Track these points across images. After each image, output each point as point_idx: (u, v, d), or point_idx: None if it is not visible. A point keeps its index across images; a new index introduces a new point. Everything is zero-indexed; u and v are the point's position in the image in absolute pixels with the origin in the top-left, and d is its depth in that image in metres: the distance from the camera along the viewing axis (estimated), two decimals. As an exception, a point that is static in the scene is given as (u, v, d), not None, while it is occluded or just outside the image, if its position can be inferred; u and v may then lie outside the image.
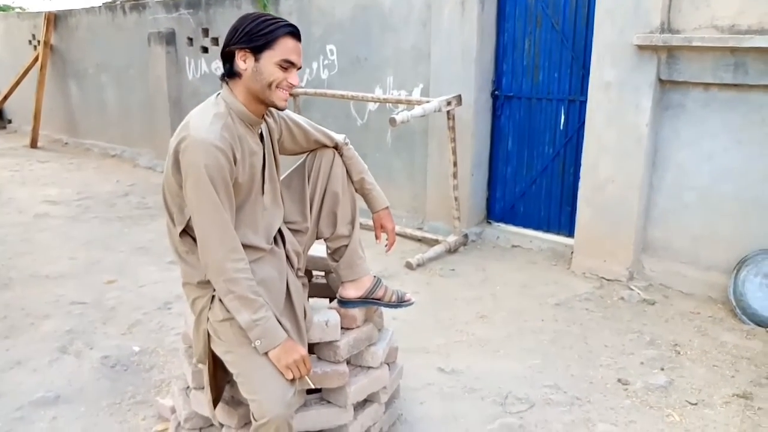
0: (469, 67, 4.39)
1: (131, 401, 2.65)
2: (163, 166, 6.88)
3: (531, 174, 4.55)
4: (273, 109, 1.89)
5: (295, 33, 1.74)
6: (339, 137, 2.09)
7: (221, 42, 6.47)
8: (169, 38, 6.93)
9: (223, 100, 1.76)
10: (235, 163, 1.69)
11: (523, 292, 3.83)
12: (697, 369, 2.94)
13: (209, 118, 1.69)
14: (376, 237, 2.18)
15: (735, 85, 3.37)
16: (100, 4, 7.97)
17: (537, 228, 4.60)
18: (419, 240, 4.68)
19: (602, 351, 3.11)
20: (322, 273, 2.48)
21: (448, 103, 4.17)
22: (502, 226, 4.78)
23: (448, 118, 4.23)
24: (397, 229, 2.07)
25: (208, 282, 1.77)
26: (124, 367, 2.92)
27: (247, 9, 6.07)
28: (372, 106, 5.18)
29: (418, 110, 3.95)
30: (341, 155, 2.08)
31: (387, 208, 2.16)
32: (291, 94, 1.81)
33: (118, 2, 7.71)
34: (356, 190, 2.12)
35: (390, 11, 4.86)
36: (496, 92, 4.58)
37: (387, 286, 2.15)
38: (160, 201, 6.15)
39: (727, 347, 3.14)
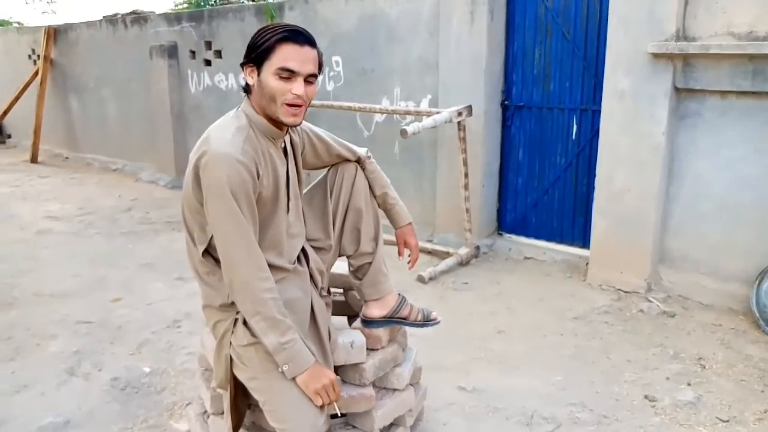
0: (478, 77, 4.34)
1: (143, 425, 2.56)
2: (165, 180, 6.81)
3: (543, 185, 4.48)
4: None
5: (293, 37, 1.60)
6: (361, 151, 2.02)
7: (224, 55, 6.48)
8: (171, 51, 6.88)
9: (243, 113, 1.69)
10: (258, 178, 1.62)
11: (539, 305, 3.75)
12: (724, 384, 2.85)
13: (231, 131, 1.62)
14: (399, 253, 2.10)
15: (753, 93, 3.32)
16: (101, 18, 7.93)
17: (550, 239, 4.53)
18: (429, 252, 4.60)
19: (626, 366, 3.03)
20: (341, 290, 2.40)
21: (459, 114, 4.11)
22: (514, 237, 4.71)
23: (459, 129, 4.17)
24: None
25: (230, 305, 1.69)
26: (135, 389, 2.83)
27: (251, 21, 6.03)
28: (379, 118, 5.12)
29: (429, 121, 3.89)
30: (363, 169, 2.01)
31: (410, 223, 2.09)
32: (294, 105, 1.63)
33: (119, 16, 7.67)
34: (378, 205, 2.05)
35: (396, 21, 4.82)
36: (506, 102, 4.53)
37: (412, 304, 2.07)
38: (163, 216, 6.09)
39: (753, 360, 3.06)
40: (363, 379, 1.93)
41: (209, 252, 1.71)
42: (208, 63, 6.65)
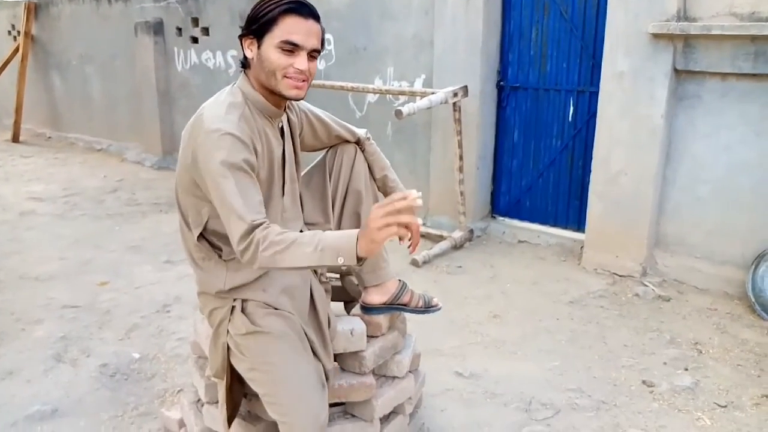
0: (474, 57, 4.25)
1: (134, 413, 2.50)
2: (151, 160, 6.65)
3: (538, 167, 4.43)
4: (293, 102, 1.73)
5: (298, 9, 1.51)
6: (361, 132, 1.94)
7: (212, 32, 6.31)
8: (157, 28, 6.70)
9: (240, 90, 1.60)
10: (256, 156, 1.53)
11: (534, 289, 3.72)
12: (721, 369, 2.84)
13: (224, 107, 1.53)
14: (400, 238, 2.03)
15: (754, 75, 3.27)
16: (84, -7, 7.69)
17: (544, 222, 4.49)
18: (422, 236, 4.54)
19: (622, 351, 3.01)
20: (336, 275, 2.33)
21: (455, 95, 4.03)
22: (508, 220, 4.66)
23: (454, 110, 4.09)
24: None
25: (228, 291, 1.62)
26: (124, 375, 2.76)
27: (239, -3, 5.87)
28: (371, 98, 5.02)
29: (424, 102, 3.81)
30: (363, 151, 1.94)
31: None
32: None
33: (103, -9, 7.44)
34: (378, 188, 1.98)
35: (390, -1, 4.70)
36: (502, 83, 4.45)
37: (413, 290, 2.01)
38: (150, 197, 5.96)
39: (748, 345, 3.05)
40: (363, 368, 1.88)
41: (204, 236, 1.63)
42: (195, 40, 6.48)
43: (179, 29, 6.59)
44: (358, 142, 1.93)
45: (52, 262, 4.11)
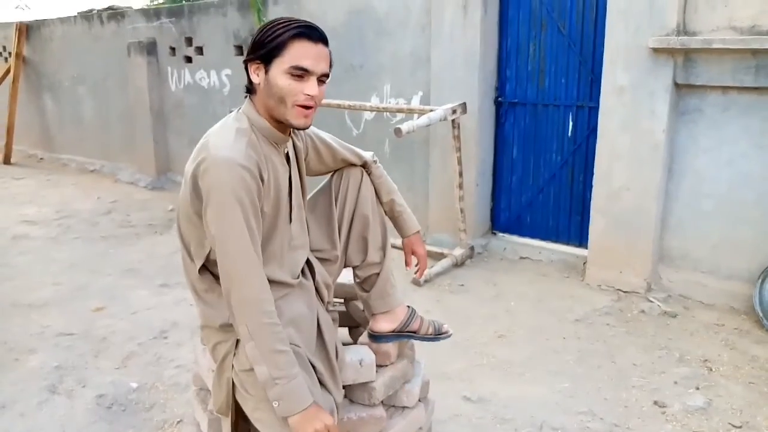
0: (472, 73, 4.22)
1: (133, 447, 2.41)
2: (145, 181, 6.56)
3: (538, 183, 4.39)
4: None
5: (308, 34, 1.47)
6: (367, 155, 1.89)
7: (206, 51, 6.28)
8: (150, 48, 6.66)
9: (245, 116, 1.54)
10: (263, 185, 1.48)
11: (538, 307, 3.66)
12: (733, 387, 2.79)
13: (232, 135, 1.47)
14: (407, 263, 1.98)
15: (756, 89, 3.25)
16: (76, 14, 7.66)
17: (545, 238, 4.44)
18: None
19: (632, 370, 2.95)
20: (341, 300, 2.27)
21: (453, 112, 4.00)
22: (508, 237, 4.62)
23: (453, 127, 4.05)
24: (400, 242, 1.88)
25: (231, 324, 1.55)
26: (122, 406, 2.68)
27: (233, 17, 5.85)
28: (368, 116, 4.98)
29: (423, 119, 3.77)
30: (369, 174, 1.88)
31: (419, 231, 1.97)
32: (306, 107, 1.50)
33: (95, 12, 7.41)
34: (385, 212, 1.92)
35: (386, 16, 4.68)
36: (500, 99, 4.42)
37: (422, 316, 1.95)
38: (144, 218, 5.89)
39: (759, 362, 3.00)
40: (373, 399, 1.81)
41: (207, 268, 1.57)
42: (188, 60, 6.44)
43: (173, 49, 6.56)
44: (365, 165, 1.88)
45: (45, 288, 4.02)
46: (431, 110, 3.99)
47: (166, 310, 3.67)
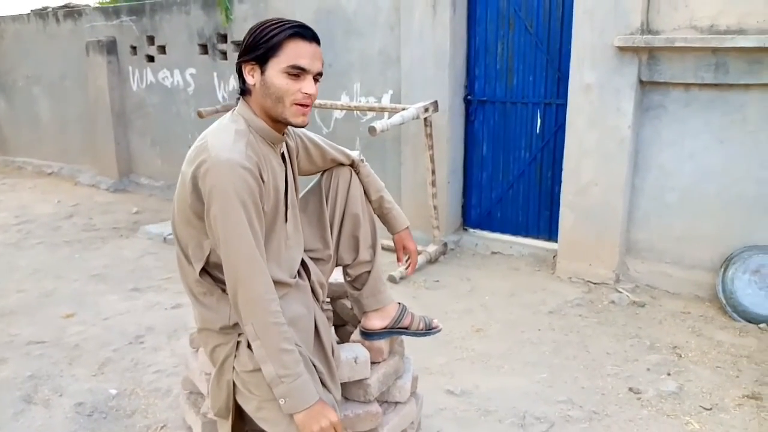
0: (442, 72, 4.27)
1: (117, 454, 2.37)
2: (107, 183, 6.42)
3: (507, 179, 4.48)
4: (290, 127, 1.68)
5: (303, 33, 1.49)
6: (354, 154, 1.91)
7: (169, 50, 6.17)
8: (110, 47, 6.49)
9: (241, 117, 1.54)
10: (263, 185, 1.48)
11: (512, 301, 3.74)
12: (701, 372, 2.91)
13: (230, 136, 1.47)
14: (398, 259, 2.01)
15: (716, 85, 3.39)
16: (29, 12, 7.40)
17: (515, 233, 4.54)
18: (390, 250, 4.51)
19: (606, 359, 3.04)
20: (328, 299, 2.28)
21: (426, 110, 4.04)
22: (480, 232, 4.69)
23: (426, 125, 4.10)
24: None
25: (233, 326, 1.55)
26: (103, 414, 2.62)
27: (197, 15, 5.76)
28: (338, 114, 4.99)
29: (397, 118, 3.80)
30: (357, 173, 1.90)
31: (408, 227, 2.00)
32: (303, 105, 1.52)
33: (50, 9, 7.18)
34: (374, 210, 1.95)
35: (354, 15, 4.69)
36: (469, 97, 4.49)
37: (413, 312, 1.98)
38: (108, 221, 5.76)
39: (724, 347, 3.14)
40: (368, 396, 1.83)
41: (206, 270, 1.56)
42: (151, 59, 6.32)
43: (134, 48, 6.42)
44: (353, 165, 1.90)
45: (10, 295, 3.90)
46: (403, 108, 4.02)
47: (140, 315, 3.60)
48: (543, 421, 2.53)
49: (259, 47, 1.46)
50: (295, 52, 1.47)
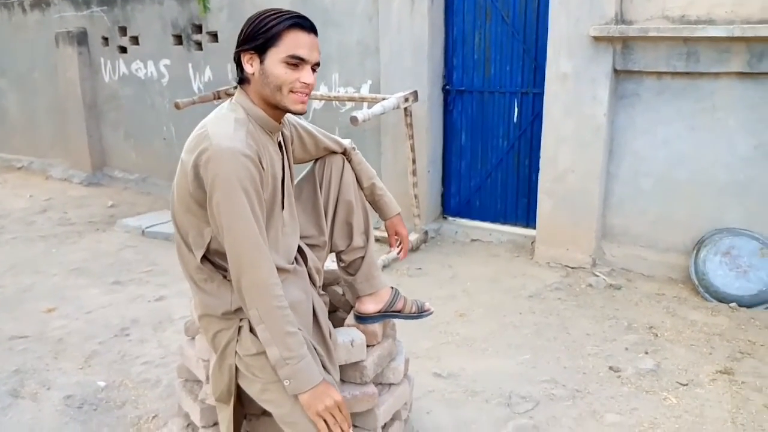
0: (421, 62, 4.32)
1: (110, 444, 2.38)
2: (80, 177, 6.33)
3: (486, 167, 4.55)
4: (286, 116, 1.71)
5: (302, 24, 1.53)
6: (346, 142, 1.94)
7: (142, 41, 6.08)
8: (81, 38, 6.37)
9: (240, 106, 1.57)
10: (263, 173, 1.51)
11: (493, 286, 3.82)
12: (677, 350, 3.03)
13: (230, 124, 1.50)
14: (390, 244, 2.06)
15: (687, 74, 3.51)
16: (-7, 2, 7.22)
17: (494, 221, 4.62)
18: (377, 240, 4.55)
19: (586, 340, 3.14)
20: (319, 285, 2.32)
21: (406, 100, 4.08)
22: (459, 220, 4.77)
23: (406, 115, 4.14)
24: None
25: (234, 312, 1.57)
26: (93, 405, 2.62)
27: (171, 6, 5.69)
28: (317, 104, 5.00)
29: (377, 108, 3.84)
30: (349, 161, 1.94)
31: (399, 213, 2.04)
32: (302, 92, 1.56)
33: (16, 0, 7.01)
34: (366, 197, 1.99)
35: (332, 5, 4.70)
36: (447, 87, 4.55)
37: (405, 296, 2.03)
38: (84, 215, 5.69)
39: (697, 325, 3.27)
40: (364, 377, 1.88)
41: (207, 257, 1.58)
42: (123, 50, 6.22)
43: (105, 39, 6.31)
44: (345, 153, 1.93)
45: (-12, 291, 3.84)
46: (383, 98, 4.06)
47: (123, 308, 3.59)
48: (528, 400, 2.61)
49: (259, 37, 1.49)
50: (294, 42, 1.50)
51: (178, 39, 5.77)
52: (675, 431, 2.40)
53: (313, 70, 1.56)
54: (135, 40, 6.08)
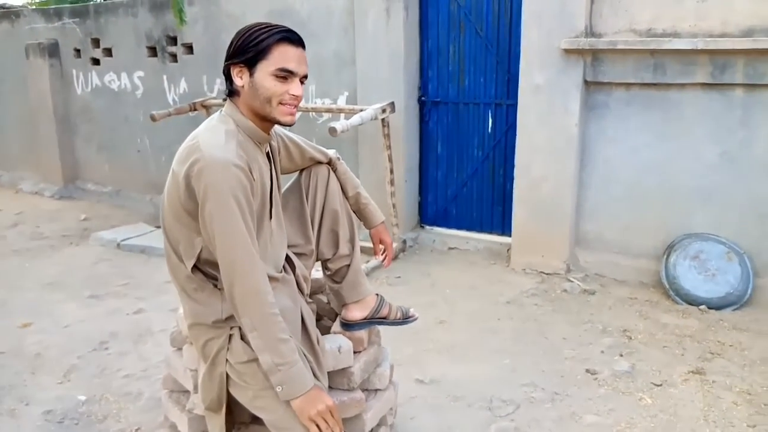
0: (397, 74, 4.39)
1: (94, 459, 2.36)
2: (51, 190, 6.24)
3: (462, 177, 4.64)
4: (274, 127, 1.74)
5: (291, 38, 1.59)
6: (331, 152, 1.99)
7: (115, 53, 6.04)
8: (52, 50, 6.31)
9: (230, 117, 1.60)
10: (254, 183, 1.55)
11: (472, 293, 3.89)
12: (650, 351, 3.12)
13: (221, 135, 1.53)
14: (375, 252, 2.10)
15: (654, 85, 3.64)
16: (-40, 13, 7.09)
17: (470, 229, 4.70)
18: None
19: (563, 344, 3.22)
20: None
21: (383, 110, 4.15)
22: (436, 229, 4.83)
23: (383, 125, 4.20)
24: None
25: (225, 320, 1.60)
26: (74, 420, 2.59)
27: (145, 17, 5.68)
28: (294, 116, 5.02)
29: (356, 118, 3.89)
30: (335, 171, 1.98)
31: (383, 222, 2.09)
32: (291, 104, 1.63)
33: (-16, 11, 6.91)
34: (351, 206, 2.03)
35: (308, 17, 4.75)
36: (423, 98, 4.62)
37: (390, 303, 2.07)
38: (57, 229, 5.61)
39: (669, 328, 3.37)
40: (351, 383, 1.91)
41: (197, 266, 1.61)
42: (96, 62, 6.17)
43: (77, 50, 6.26)
44: (330, 163, 1.98)
45: (-41, 307, 3.76)
46: (360, 109, 4.11)
47: (101, 322, 3.55)
48: (509, 403, 2.67)
49: (249, 50, 1.53)
50: (284, 55, 1.54)
51: (153, 51, 5.75)
52: (651, 430, 2.48)
53: (301, 82, 1.60)
54: (108, 51, 6.05)
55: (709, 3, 3.42)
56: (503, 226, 4.53)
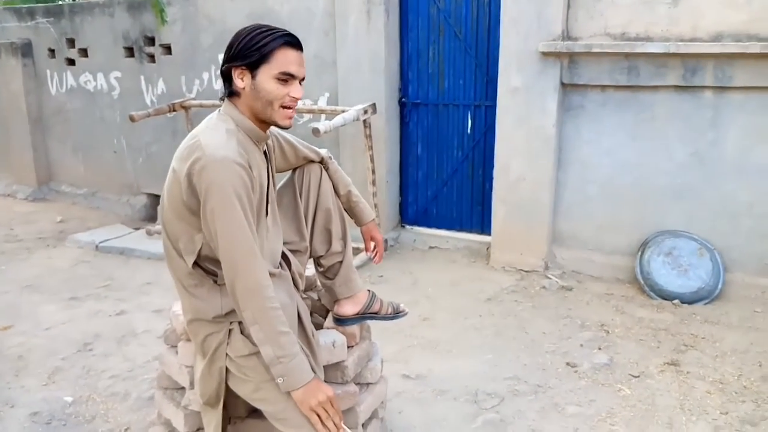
0: (378, 76, 4.45)
1: (83, 459, 2.36)
2: (25, 192, 6.15)
3: (442, 177, 4.71)
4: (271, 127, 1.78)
5: (293, 42, 1.63)
6: (323, 152, 2.04)
7: (91, 53, 5.98)
8: (25, 49, 6.21)
9: (228, 116, 1.64)
10: (253, 181, 1.59)
11: (453, 290, 3.96)
12: (627, 345, 3.23)
13: (222, 134, 1.57)
14: (366, 249, 2.15)
15: (628, 87, 3.76)
16: (-72, 12, 6.93)
17: (450, 228, 4.78)
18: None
19: (543, 338, 3.31)
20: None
21: (365, 112, 4.20)
22: (417, 229, 4.90)
23: (365, 126, 4.25)
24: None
25: (225, 315, 1.63)
26: (61, 421, 2.59)
27: (122, 17, 5.63)
28: (274, 117, 5.04)
29: (338, 119, 3.93)
30: (326, 169, 2.03)
31: (374, 219, 2.14)
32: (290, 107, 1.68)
33: (-47, 9, 6.76)
34: (342, 203, 2.08)
35: (289, 19, 4.77)
36: (403, 99, 4.69)
37: (381, 298, 2.12)
38: (32, 231, 5.54)
39: (644, 322, 3.49)
40: (345, 377, 1.95)
41: (197, 263, 1.64)
42: (71, 62, 6.10)
43: (52, 51, 6.17)
44: (322, 162, 2.02)
45: (-65, 311, 3.70)
46: (342, 111, 4.16)
47: (83, 323, 3.53)
48: (494, 396, 2.74)
49: (252, 54, 1.57)
50: (285, 59, 1.59)
51: (130, 51, 5.71)
52: (630, 419, 2.57)
53: (300, 85, 1.65)
54: (84, 52, 5.98)
55: (681, 9, 3.56)
56: (483, 225, 4.61)
